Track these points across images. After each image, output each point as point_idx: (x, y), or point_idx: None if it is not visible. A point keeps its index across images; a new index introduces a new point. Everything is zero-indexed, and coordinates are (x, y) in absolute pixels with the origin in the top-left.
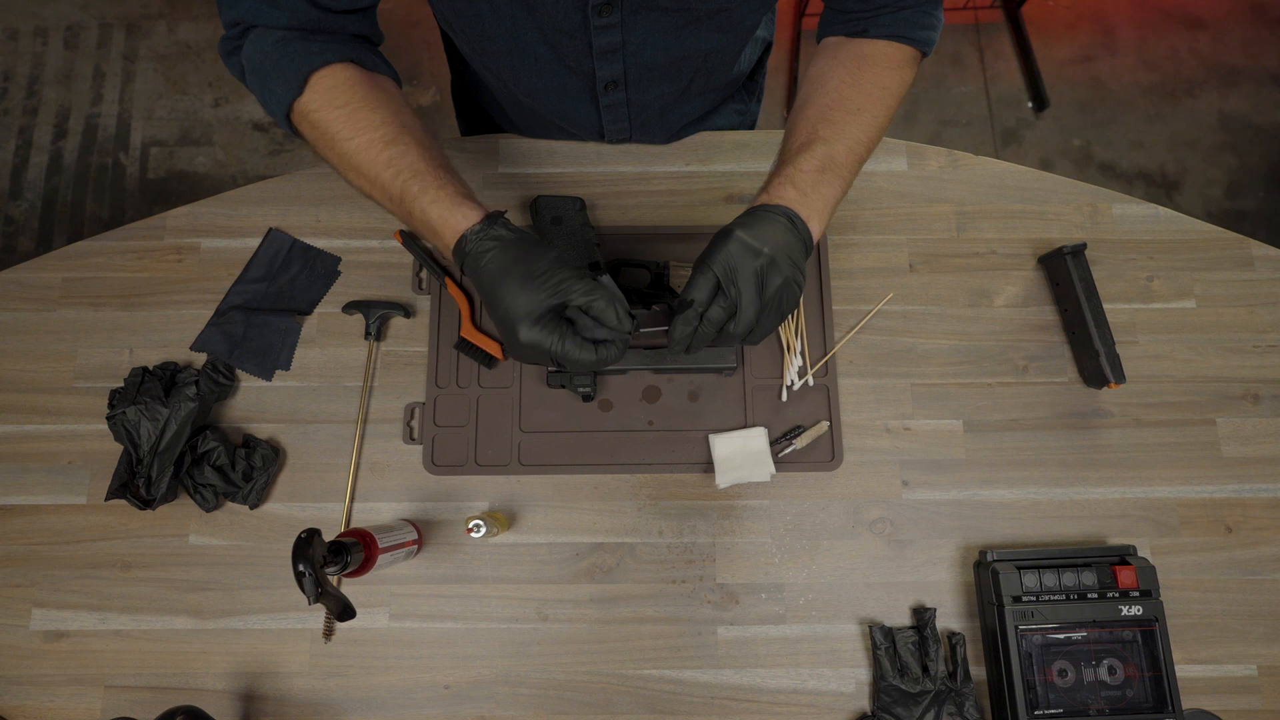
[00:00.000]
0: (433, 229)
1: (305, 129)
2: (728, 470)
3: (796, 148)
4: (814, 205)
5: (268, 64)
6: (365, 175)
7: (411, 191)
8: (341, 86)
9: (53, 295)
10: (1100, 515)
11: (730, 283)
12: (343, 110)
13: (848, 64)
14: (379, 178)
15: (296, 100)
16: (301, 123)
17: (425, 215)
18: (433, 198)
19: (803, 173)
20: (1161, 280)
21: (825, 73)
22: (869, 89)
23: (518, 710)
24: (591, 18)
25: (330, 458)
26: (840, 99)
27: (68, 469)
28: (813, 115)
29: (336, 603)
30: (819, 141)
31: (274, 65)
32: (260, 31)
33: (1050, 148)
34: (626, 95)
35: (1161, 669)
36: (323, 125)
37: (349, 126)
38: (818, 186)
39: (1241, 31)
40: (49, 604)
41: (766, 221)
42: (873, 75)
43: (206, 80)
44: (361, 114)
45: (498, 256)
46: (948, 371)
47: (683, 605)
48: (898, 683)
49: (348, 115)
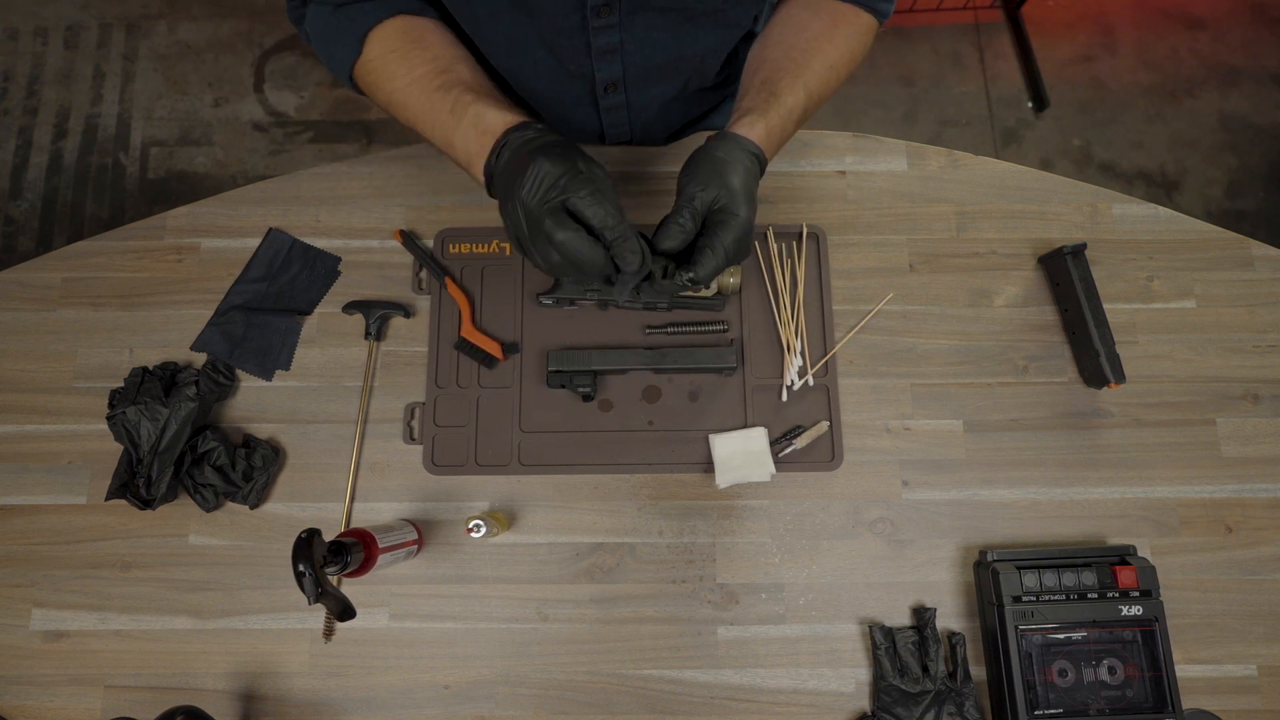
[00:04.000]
0: (484, 124)
1: (366, 80)
2: (728, 470)
3: (784, 86)
4: (772, 149)
5: (328, 32)
6: (415, 103)
7: (465, 99)
8: (395, 35)
9: (53, 295)
10: (1100, 515)
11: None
12: (396, 54)
13: (825, 18)
14: (430, 99)
15: (357, 60)
16: (363, 76)
17: (480, 116)
18: (490, 103)
19: (782, 118)
20: (1161, 280)
21: (801, 20)
22: (843, 50)
23: (518, 710)
24: (590, 18)
25: (330, 458)
26: (820, 51)
27: (68, 469)
28: (796, 57)
29: (336, 603)
30: (801, 89)
31: (334, 32)
32: (316, 4)
33: (1050, 148)
34: (626, 97)
35: (1161, 669)
36: (379, 70)
37: (404, 64)
38: (783, 134)
39: (1241, 31)
40: (49, 604)
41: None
42: (846, 38)
43: (206, 80)
44: (414, 53)
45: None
46: (948, 371)
47: (683, 605)
48: (898, 683)
49: (401, 56)
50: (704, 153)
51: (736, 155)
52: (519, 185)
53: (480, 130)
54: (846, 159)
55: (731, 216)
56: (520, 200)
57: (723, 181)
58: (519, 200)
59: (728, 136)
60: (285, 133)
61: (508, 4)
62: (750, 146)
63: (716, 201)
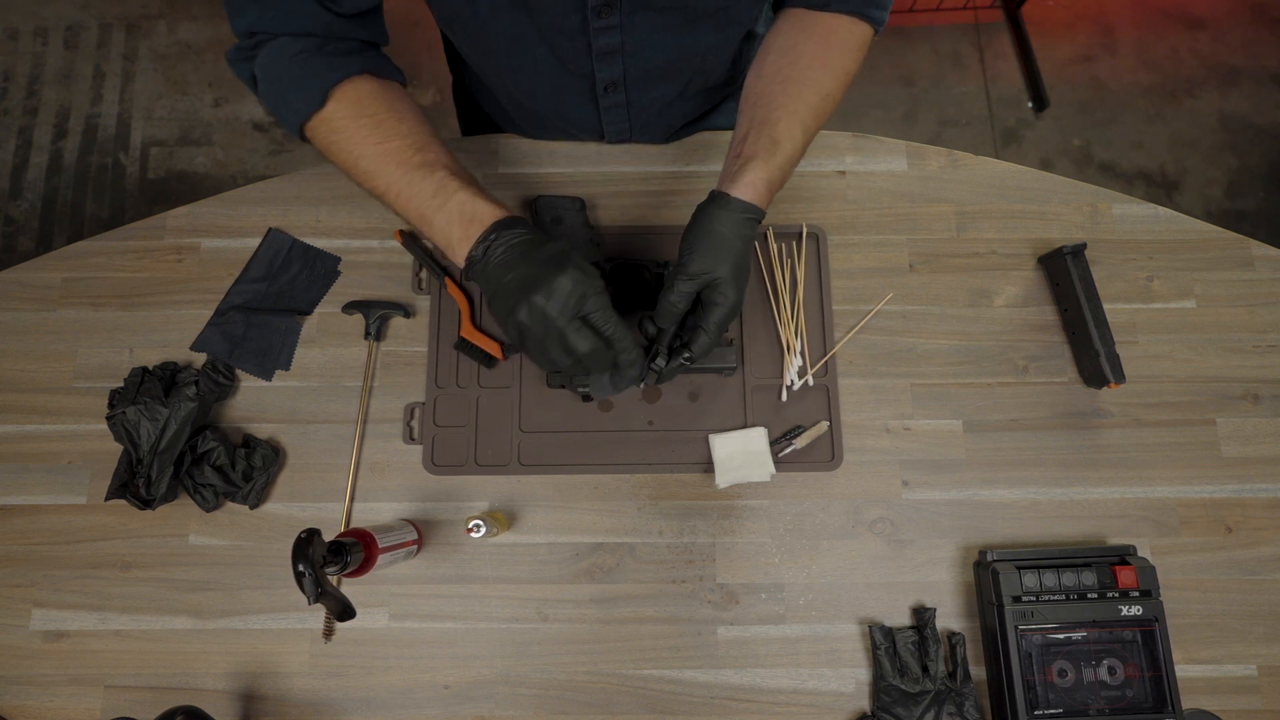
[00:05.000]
0: (473, 213)
1: (321, 137)
2: (728, 470)
3: (783, 130)
4: (770, 198)
5: (286, 78)
6: (386, 174)
7: (451, 186)
8: (366, 99)
9: (53, 295)
10: (1100, 515)
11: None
12: (366, 118)
13: (817, 40)
14: (408, 176)
15: (316, 113)
16: (318, 132)
17: (465, 205)
18: (475, 193)
19: (782, 166)
20: (1161, 280)
21: (795, 45)
22: (838, 73)
23: (518, 710)
24: (591, 19)
25: (330, 458)
26: (814, 82)
27: (68, 469)
28: (793, 90)
29: (336, 603)
30: (799, 130)
31: (293, 79)
32: (277, 45)
33: (1050, 148)
34: (626, 96)
35: (1161, 669)
36: (347, 133)
37: (374, 133)
38: (783, 178)
39: (1241, 31)
40: (49, 604)
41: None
42: (840, 59)
43: (206, 80)
44: (389, 123)
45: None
46: (948, 371)
47: (683, 605)
48: (898, 683)
49: (374, 125)
50: (707, 224)
51: (738, 230)
52: (533, 293)
53: (466, 219)
54: (846, 159)
55: (723, 298)
56: (541, 310)
57: (723, 261)
58: (537, 309)
59: (732, 205)
60: (285, 133)
61: (508, 3)
62: (752, 213)
63: (713, 282)
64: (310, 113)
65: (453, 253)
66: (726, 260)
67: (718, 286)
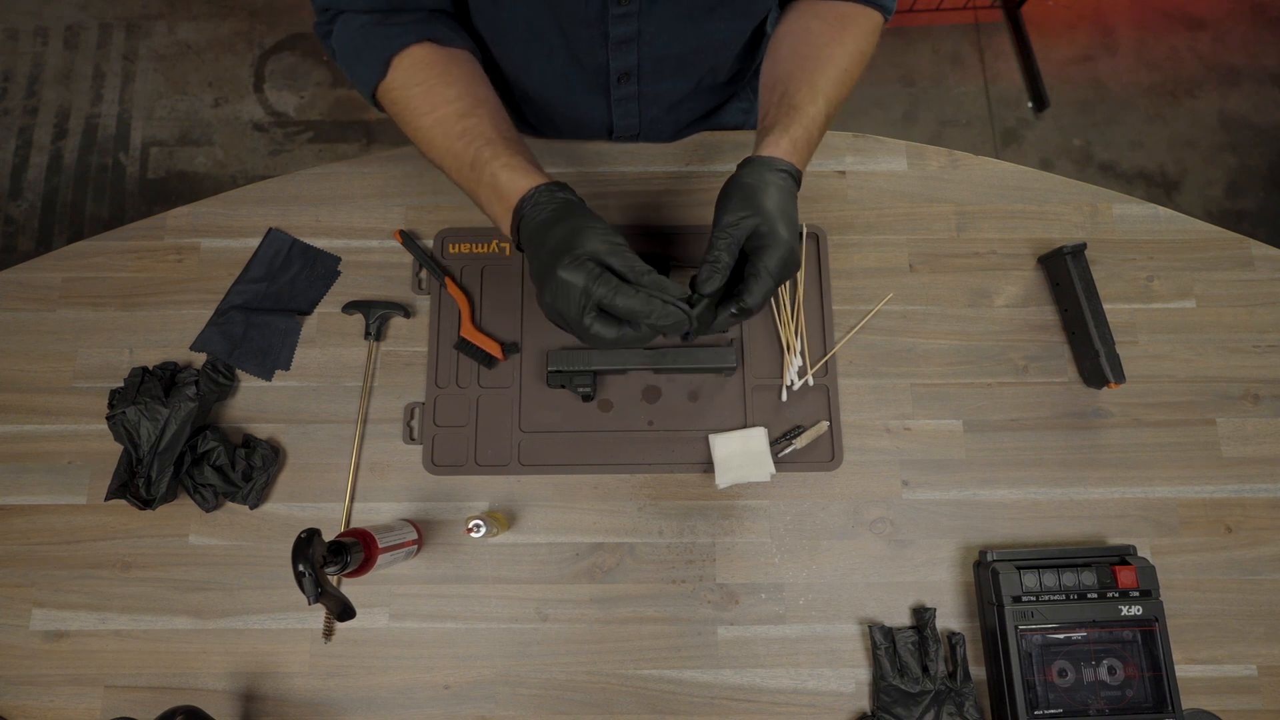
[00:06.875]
0: (499, 191)
1: (389, 107)
2: (728, 470)
3: (803, 97)
4: (802, 159)
5: (353, 49)
6: (439, 147)
7: (483, 157)
8: (419, 66)
9: (53, 295)
10: (1100, 515)
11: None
12: (420, 88)
13: (830, 22)
14: (452, 147)
15: (380, 82)
16: (385, 101)
17: (495, 179)
18: (504, 163)
19: (806, 128)
20: (1161, 280)
21: (809, 28)
22: (853, 52)
23: (518, 710)
24: (610, 6)
25: (330, 458)
26: (830, 58)
27: (68, 469)
28: (809, 66)
29: (336, 603)
30: (820, 98)
31: (359, 50)
32: (346, 17)
33: (1050, 148)
34: (639, 88)
35: (1161, 669)
36: (403, 103)
37: (426, 102)
38: (809, 143)
39: (1241, 31)
40: (49, 604)
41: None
42: (854, 39)
43: (206, 80)
44: (438, 90)
45: (561, 209)
46: (948, 371)
47: (683, 605)
48: (898, 683)
49: (424, 92)
50: (734, 182)
51: (767, 178)
52: (543, 290)
53: (499, 196)
54: (846, 159)
55: (771, 238)
56: (554, 309)
57: (756, 206)
58: (550, 307)
59: (755, 160)
60: (285, 133)
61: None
62: (780, 164)
63: (753, 228)
64: (376, 82)
65: (504, 230)
66: (761, 203)
67: (761, 231)
